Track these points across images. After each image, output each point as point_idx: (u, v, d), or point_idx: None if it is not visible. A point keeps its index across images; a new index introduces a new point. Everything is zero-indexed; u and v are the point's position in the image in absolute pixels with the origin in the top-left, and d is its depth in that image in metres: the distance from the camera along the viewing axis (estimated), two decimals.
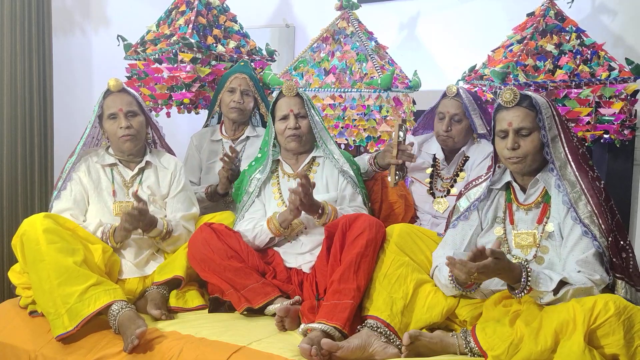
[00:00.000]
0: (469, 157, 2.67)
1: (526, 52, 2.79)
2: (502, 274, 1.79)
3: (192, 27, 3.07)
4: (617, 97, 2.66)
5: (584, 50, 2.75)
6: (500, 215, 2.11)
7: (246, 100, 2.93)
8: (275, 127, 2.52)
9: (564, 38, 2.79)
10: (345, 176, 2.50)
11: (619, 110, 2.63)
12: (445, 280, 2.01)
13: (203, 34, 3.14)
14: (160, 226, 2.38)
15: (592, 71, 2.68)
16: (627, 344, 1.69)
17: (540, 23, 2.84)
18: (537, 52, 2.79)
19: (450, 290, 2.03)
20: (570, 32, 2.78)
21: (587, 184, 1.94)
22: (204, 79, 3.10)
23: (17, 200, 3.31)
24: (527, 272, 1.78)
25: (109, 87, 2.46)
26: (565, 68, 2.69)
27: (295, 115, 2.47)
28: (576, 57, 2.72)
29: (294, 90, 2.49)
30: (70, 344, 2.12)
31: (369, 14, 3.43)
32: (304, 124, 2.49)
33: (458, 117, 2.62)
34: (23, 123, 3.30)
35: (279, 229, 2.38)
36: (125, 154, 2.52)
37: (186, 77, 3.02)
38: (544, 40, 2.79)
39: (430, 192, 2.72)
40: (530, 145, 1.97)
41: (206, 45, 3.10)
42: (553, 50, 2.75)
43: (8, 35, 3.22)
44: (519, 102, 1.97)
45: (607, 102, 2.65)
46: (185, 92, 3.05)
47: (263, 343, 1.99)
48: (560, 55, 2.75)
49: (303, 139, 2.50)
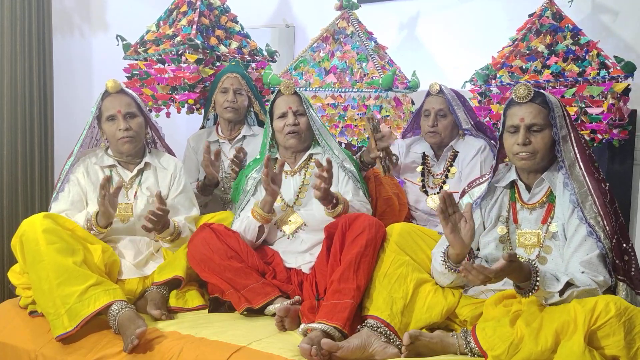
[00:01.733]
0: (459, 152, 2.73)
1: (515, 54, 2.83)
2: (513, 274, 1.79)
3: (196, 28, 3.08)
4: (611, 96, 2.64)
5: (577, 49, 2.74)
6: (504, 214, 2.11)
7: (239, 99, 2.94)
8: (274, 125, 2.53)
9: (559, 38, 2.78)
10: (346, 171, 2.50)
11: (606, 109, 2.62)
12: (441, 266, 2.01)
13: (206, 35, 3.15)
14: (172, 227, 2.39)
15: (581, 70, 2.68)
16: (628, 345, 1.69)
17: (535, 24, 2.85)
18: (528, 52, 2.80)
19: (447, 276, 2.03)
20: (566, 31, 2.78)
21: (594, 185, 1.94)
22: (207, 79, 3.10)
23: (17, 200, 3.31)
24: (537, 272, 1.78)
25: (107, 89, 2.46)
26: (553, 68, 2.69)
27: (294, 112, 2.49)
28: (568, 57, 2.72)
29: (292, 88, 2.51)
30: (70, 344, 2.12)
31: (368, 14, 3.43)
32: (302, 121, 2.50)
33: (443, 112, 2.71)
34: (23, 123, 3.30)
35: (262, 215, 2.38)
36: (124, 155, 2.52)
37: (190, 78, 3.02)
38: (537, 40, 2.80)
39: (423, 190, 2.76)
40: (541, 142, 1.97)
41: (210, 46, 3.11)
42: (544, 51, 2.75)
43: (8, 35, 3.22)
44: (532, 98, 1.98)
45: (596, 101, 2.64)
46: (190, 92, 3.05)
47: (263, 343, 1.99)
48: (550, 55, 2.75)
49: (302, 136, 2.51)
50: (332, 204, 2.33)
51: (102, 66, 3.82)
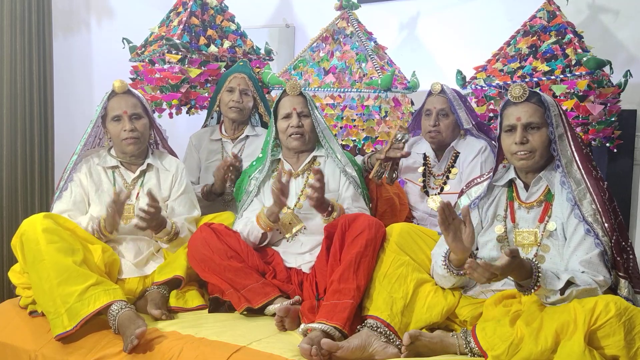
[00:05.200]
0: (460, 153, 2.72)
1: (498, 57, 2.86)
2: (515, 272, 1.79)
3: (183, 28, 3.08)
4: (597, 95, 2.63)
5: (555, 47, 2.72)
6: (501, 213, 2.11)
7: (245, 99, 2.94)
8: (278, 125, 2.52)
9: (545, 37, 2.78)
10: (348, 176, 2.50)
11: (569, 107, 2.61)
12: (442, 270, 2.01)
13: (195, 35, 3.14)
14: (169, 227, 2.39)
15: (550, 69, 2.67)
16: (628, 345, 1.69)
17: (525, 25, 2.85)
18: (513, 54, 2.81)
19: (448, 279, 2.03)
20: (552, 30, 2.77)
21: (592, 183, 1.95)
22: (195, 79, 3.09)
23: (17, 200, 3.31)
24: (538, 270, 1.78)
25: (113, 89, 2.45)
26: (525, 69, 2.69)
27: (298, 113, 2.48)
28: (545, 56, 2.71)
29: (298, 89, 2.50)
30: (70, 344, 2.12)
31: (368, 14, 3.43)
32: (306, 123, 2.49)
33: (444, 112, 2.69)
34: (23, 123, 3.30)
35: (267, 224, 2.38)
36: (127, 156, 2.52)
37: (173, 78, 3.01)
38: (523, 42, 2.80)
39: (424, 191, 2.75)
40: (538, 140, 1.98)
41: (196, 45, 3.10)
42: (526, 51, 2.76)
43: (8, 35, 3.22)
44: (528, 98, 1.99)
45: (574, 102, 2.62)
46: (173, 92, 3.05)
47: (263, 343, 1.99)
48: (529, 56, 2.75)
49: (306, 137, 2.50)
50: (327, 212, 2.33)
51: (102, 66, 3.82)
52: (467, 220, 1.94)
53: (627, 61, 3.05)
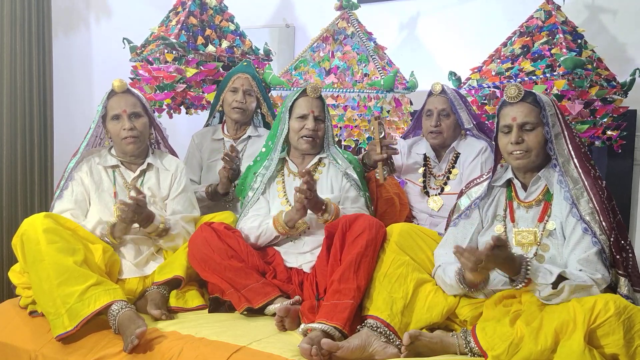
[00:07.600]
0: (460, 154, 2.72)
1: (493, 57, 2.86)
2: (505, 264, 1.80)
3: (181, 28, 3.08)
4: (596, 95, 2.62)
5: (543, 48, 2.73)
6: (501, 213, 2.11)
7: (248, 100, 2.93)
8: (291, 124, 2.51)
9: (538, 37, 2.78)
10: (349, 179, 2.50)
11: None
12: (451, 280, 2.01)
13: (193, 34, 3.14)
14: (157, 222, 2.38)
15: (534, 70, 2.67)
16: (627, 343, 1.69)
17: (522, 26, 2.85)
18: (508, 55, 2.81)
19: (455, 289, 2.03)
20: (545, 30, 2.77)
21: (589, 181, 1.95)
22: (191, 79, 3.09)
23: (17, 200, 3.31)
24: (527, 263, 1.79)
25: (113, 88, 2.46)
26: (514, 70, 2.70)
27: (315, 117, 2.47)
28: (534, 56, 2.71)
29: (318, 91, 2.49)
30: (70, 344, 2.12)
31: (368, 14, 3.44)
32: (321, 128, 2.50)
33: (446, 112, 2.69)
34: (23, 123, 3.30)
35: (285, 229, 2.38)
36: (127, 155, 2.52)
37: (167, 77, 3.01)
38: (518, 42, 2.80)
39: (424, 191, 2.75)
40: (534, 139, 1.99)
41: (193, 45, 3.10)
42: (518, 52, 2.76)
43: (8, 35, 3.22)
44: (523, 98, 2.00)
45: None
46: (167, 92, 3.04)
47: (263, 343, 1.99)
48: (520, 56, 2.75)
49: (317, 142, 2.51)
50: (322, 211, 2.33)
51: (102, 66, 3.83)
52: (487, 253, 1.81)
53: (628, 61, 3.05)
